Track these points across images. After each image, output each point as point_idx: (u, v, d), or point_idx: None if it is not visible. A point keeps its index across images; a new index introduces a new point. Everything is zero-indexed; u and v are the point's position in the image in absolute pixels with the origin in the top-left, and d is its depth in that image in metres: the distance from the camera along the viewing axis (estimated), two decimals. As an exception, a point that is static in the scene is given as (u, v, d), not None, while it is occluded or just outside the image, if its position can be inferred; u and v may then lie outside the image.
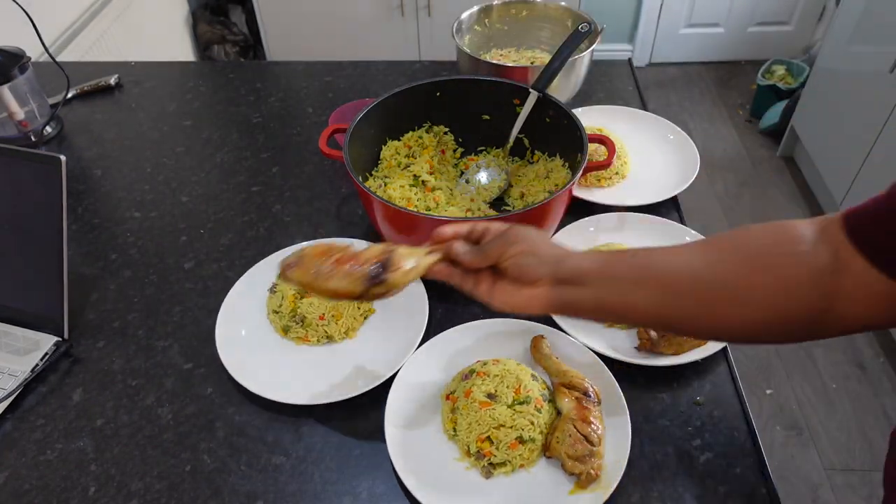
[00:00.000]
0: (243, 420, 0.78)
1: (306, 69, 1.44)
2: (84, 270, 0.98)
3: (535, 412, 0.72)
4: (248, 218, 1.06)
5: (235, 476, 0.72)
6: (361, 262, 0.64)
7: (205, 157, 1.20)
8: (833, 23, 2.34)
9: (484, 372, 0.76)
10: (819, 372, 1.90)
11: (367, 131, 0.98)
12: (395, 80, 1.40)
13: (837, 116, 2.25)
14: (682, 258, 0.59)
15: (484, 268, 0.65)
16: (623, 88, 1.35)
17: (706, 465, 0.72)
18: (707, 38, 3.19)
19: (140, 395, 0.81)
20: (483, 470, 0.71)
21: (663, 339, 0.80)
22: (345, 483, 0.72)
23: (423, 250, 0.67)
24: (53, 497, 0.71)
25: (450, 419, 0.75)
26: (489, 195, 1.03)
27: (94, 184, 1.15)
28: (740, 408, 0.77)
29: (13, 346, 0.85)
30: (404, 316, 0.87)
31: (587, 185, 1.08)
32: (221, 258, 0.99)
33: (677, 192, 1.05)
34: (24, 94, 1.20)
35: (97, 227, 1.06)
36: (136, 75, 1.43)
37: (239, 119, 1.29)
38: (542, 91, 0.97)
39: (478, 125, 1.08)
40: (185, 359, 0.85)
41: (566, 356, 0.80)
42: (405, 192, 0.97)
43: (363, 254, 0.65)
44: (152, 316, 0.91)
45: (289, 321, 0.85)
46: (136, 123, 1.29)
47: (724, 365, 0.82)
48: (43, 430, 0.78)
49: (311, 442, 0.76)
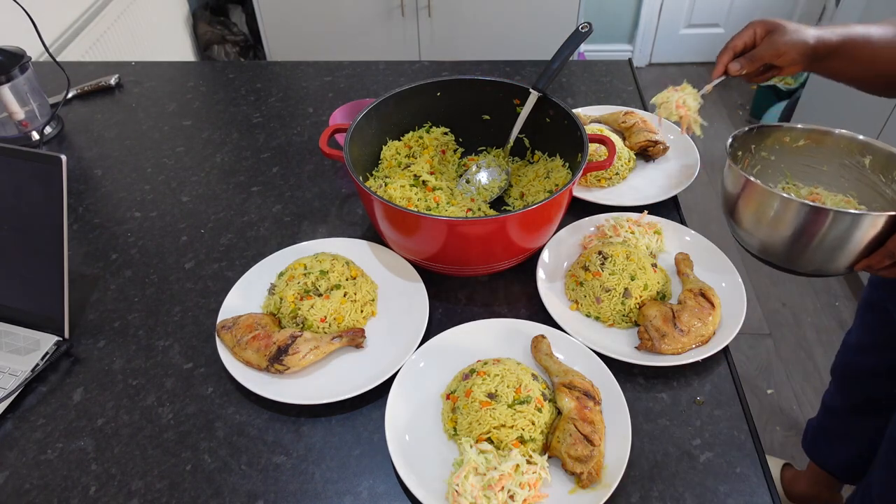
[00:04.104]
0: (243, 420, 0.78)
1: (306, 69, 1.44)
2: (84, 270, 0.98)
3: (536, 412, 0.72)
4: (248, 218, 1.06)
5: (236, 475, 0.72)
6: (270, 342, 0.79)
7: (205, 157, 1.20)
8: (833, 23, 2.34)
9: (484, 371, 0.76)
10: (819, 372, 1.90)
11: (367, 131, 0.98)
12: (395, 80, 1.40)
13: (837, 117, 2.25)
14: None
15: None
16: (623, 88, 1.35)
17: (706, 465, 0.72)
18: (707, 38, 3.19)
19: (140, 394, 0.81)
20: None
21: (663, 339, 0.80)
22: (345, 482, 0.72)
23: (327, 337, 0.81)
24: (54, 496, 0.71)
25: (450, 419, 0.75)
26: (489, 195, 1.03)
27: (94, 184, 1.15)
28: (740, 408, 0.77)
29: (14, 345, 0.85)
30: (404, 316, 0.87)
31: (587, 185, 1.08)
32: (221, 258, 0.99)
33: (677, 192, 1.05)
34: (25, 93, 1.20)
35: (98, 226, 1.06)
36: (136, 75, 1.44)
37: (239, 119, 1.29)
38: (543, 91, 0.97)
39: (478, 125, 1.08)
40: (185, 359, 0.85)
41: (566, 356, 0.80)
42: (405, 191, 0.97)
43: (275, 335, 0.80)
44: (153, 316, 0.91)
45: (289, 322, 0.85)
46: (136, 123, 1.29)
47: (724, 365, 0.82)
48: (43, 430, 0.78)
49: (311, 441, 0.76)
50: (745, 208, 0.82)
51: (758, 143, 0.93)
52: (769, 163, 0.95)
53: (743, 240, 0.86)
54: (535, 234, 0.88)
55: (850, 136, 0.91)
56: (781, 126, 0.93)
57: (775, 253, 0.82)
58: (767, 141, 0.94)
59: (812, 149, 0.94)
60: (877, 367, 1.23)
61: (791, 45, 0.86)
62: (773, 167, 0.96)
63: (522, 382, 0.74)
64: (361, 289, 0.88)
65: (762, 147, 0.94)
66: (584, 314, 0.88)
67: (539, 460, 0.69)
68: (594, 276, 0.87)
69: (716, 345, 0.81)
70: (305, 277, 0.87)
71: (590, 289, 0.87)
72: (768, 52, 0.87)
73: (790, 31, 0.86)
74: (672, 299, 0.89)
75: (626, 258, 0.88)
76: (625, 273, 0.86)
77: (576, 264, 0.92)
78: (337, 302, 0.85)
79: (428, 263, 0.90)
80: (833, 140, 0.92)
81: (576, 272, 0.90)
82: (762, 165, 0.95)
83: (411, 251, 0.90)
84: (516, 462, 0.67)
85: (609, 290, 0.86)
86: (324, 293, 0.86)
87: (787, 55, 0.86)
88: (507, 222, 0.81)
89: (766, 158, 0.95)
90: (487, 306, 0.90)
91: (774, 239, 0.80)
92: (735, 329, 0.83)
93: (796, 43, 0.86)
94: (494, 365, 0.77)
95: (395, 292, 0.90)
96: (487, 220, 0.80)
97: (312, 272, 0.88)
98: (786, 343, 1.99)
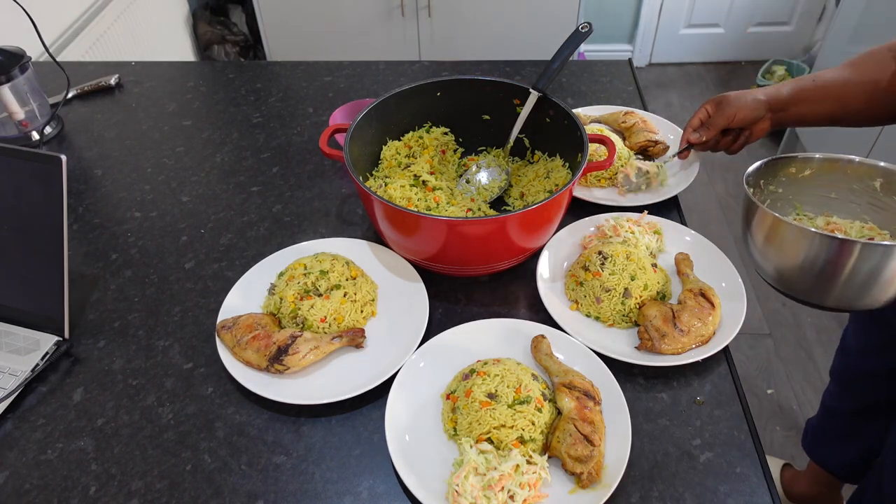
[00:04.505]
0: (243, 420, 0.78)
1: (306, 69, 1.44)
2: (84, 270, 0.98)
3: (536, 412, 0.72)
4: (248, 218, 1.06)
5: (236, 475, 0.72)
6: (270, 342, 0.79)
7: (205, 157, 1.20)
8: (833, 23, 2.34)
9: (484, 371, 0.76)
10: (819, 372, 1.90)
11: (367, 131, 0.98)
12: (395, 80, 1.40)
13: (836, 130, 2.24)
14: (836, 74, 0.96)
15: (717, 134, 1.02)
16: (623, 88, 1.35)
17: (706, 465, 0.72)
18: (707, 38, 3.19)
19: (140, 394, 0.81)
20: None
21: (663, 339, 0.80)
22: (345, 482, 0.72)
23: (327, 337, 0.81)
24: (54, 496, 0.71)
25: (450, 419, 0.75)
26: (489, 195, 1.03)
27: (94, 184, 1.15)
28: (740, 408, 0.77)
29: (14, 345, 0.85)
30: (404, 316, 0.87)
31: (587, 185, 1.08)
32: (221, 258, 0.99)
33: (677, 192, 1.05)
34: (25, 93, 1.20)
35: (98, 226, 1.06)
36: (136, 75, 1.44)
37: (239, 119, 1.29)
38: (543, 91, 0.97)
39: (478, 125, 1.08)
40: (185, 359, 0.85)
41: (566, 356, 0.80)
42: (405, 191, 0.97)
43: (275, 335, 0.80)
44: (153, 316, 0.91)
45: (289, 322, 0.85)
46: (136, 123, 1.29)
47: (724, 365, 0.82)
48: (43, 430, 0.78)
49: (311, 441, 0.76)
50: (770, 246, 0.81)
51: (766, 177, 0.94)
52: (778, 195, 0.96)
53: (768, 276, 0.85)
54: (535, 234, 0.88)
55: (859, 160, 0.90)
56: (787, 157, 0.93)
57: (804, 291, 0.80)
58: (776, 173, 0.94)
59: (819, 177, 0.94)
60: (877, 369, 1.23)
61: (740, 107, 0.98)
62: (783, 200, 0.96)
63: (522, 382, 0.74)
64: (361, 289, 0.88)
65: (770, 181, 0.94)
66: (584, 314, 0.88)
67: (539, 460, 0.69)
68: (594, 276, 0.87)
69: (716, 345, 0.81)
70: (305, 277, 0.87)
71: (590, 289, 0.87)
72: (721, 118, 1.00)
73: (736, 97, 0.99)
74: (672, 299, 0.89)
75: (626, 258, 0.88)
76: (625, 273, 0.86)
77: (576, 264, 0.92)
78: (337, 302, 0.85)
79: (428, 263, 0.90)
80: (840, 166, 0.92)
81: (576, 272, 0.90)
82: (772, 199, 0.96)
83: (411, 251, 0.90)
84: (516, 462, 0.67)
85: (609, 290, 0.86)
86: (324, 293, 0.86)
87: (740, 114, 0.98)
88: (507, 222, 0.81)
89: (774, 192, 0.95)
90: (487, 306, 0.90)
91: (802, 277, 0.78)
92: (735, 329, 0.83)
93: (745, 104, 0.98)
94: (494, 365, 0.77)
95: (395, 292, 0.90)
96: (487, 220, 0.80)
97: (312, 272, 0.88)
98: (786, 343, 1.99)
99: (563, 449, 0.69)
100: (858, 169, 0.91)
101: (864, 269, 0.73)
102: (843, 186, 0.93)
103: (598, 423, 0.71)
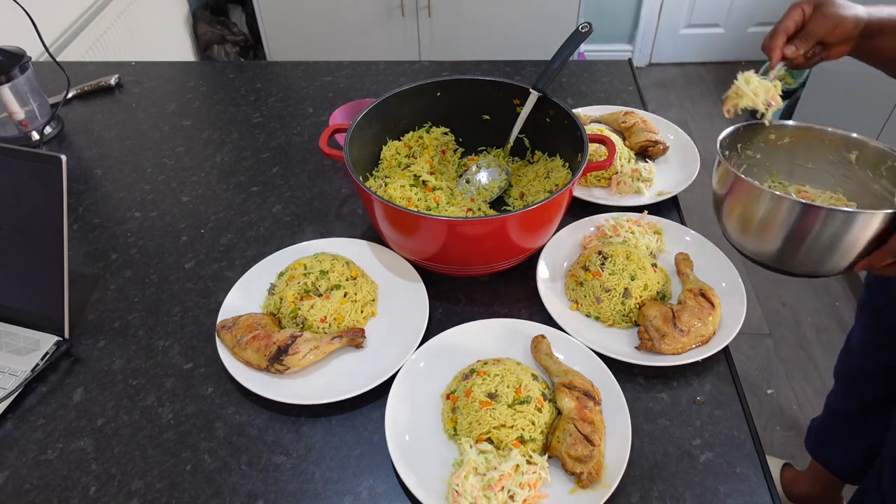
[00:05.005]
0: (243, 420, 0.78)
1: (306, 69, 1.44)
2: (84, 270, 0.98)
3: (536, 412, 0.72)
4: (248, 218, 1.06)
5: (236, 475, 0.72)
6: (270, 342, 0.79)
7: (205, 157, 1.20)
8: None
9: (484, 371, 0.76)
10: (819, 372, 1.90)
11: (367, 131, 0.98)
12: (395, 80, 1.40)
13: (837, 117, 2.25)
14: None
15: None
16: (623, 88, 1.35)
17: (706, 465, 0.72)
18: (707, 38, 3.19)
19: (140, 394, 0.81)
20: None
21: (663, 339, 0.80)
22: (345, 482, 0.72)
23: (327, 337, 0.81)
24: (54, 496, 0.71)
25: (450, 419, 0.75)
26: (489, 195, 1.03)
27: (94, 184, 1.15)
28: (740, 408, 0.77)
29: (14, 345, 0.85)
30: (404, 316, 0.87)
31: (587, 185, 1.08)
32: (221, 258, 0.99)
33: (677, 192, 1.05)
34: (25, 93, 1.20)
35: (98, 226, 1.06)
36: (136, 75, 1.44)
37: (239, 119, 1.30)
38: (543, 91, 0.97)
39: (478, 125, 1.08)
40: (185, 359, 0.85)
41: (566, 356, 0.80)
42: (405, 191, 0.97)
43: (275, 335, 0.80)
44: (153, 316, 0.91)
45: (289, 322, 0.85)
46: (136, 123, 1.29)
47: (724, 365, 0.82)
48: (43, 430, 0.78)
49: (311, 442, 0.76)
50: (735, 208, 0.82)
51: (744, 141, 0.93)
52: (755, 161, 0.95)
53: (734, 240, 0.86)
54: (534, 234, 0.88)
55: (835, 132, 0.90)
56: (766, 124, 0.92)
57: (767, 254, 0.81)
58: (753, 139, 0.94)
59: (797, 146, 0.94)
60: (878, 367, 1.23)
61: (844, 18, 0.81)
62: (759, 165, 0.96)
63: (522, 382, 0.74)
64: (361, 289, 0.88)
65: (748, 146, 0.94)
66: (584, 314, 0.88)
67: (539, 460, 0.69)
68: (594, 276, 0.87)
69: (716, 345, 0.81)
70: (305, 277, 0.87)
71: (590, 289, 0.87)
72: (822, 26, 0.81)
73: (839, 4, 0.81)
74: (672, 299, 0.89)
75: (626, 258, 0.88)
76: (625, 273, 0.86)
77: (576, 264, 0.92)
78: (337, 302, 0.85)
79: (428, 263, 0.90)
80: (817, 136, 0.92)
81: (576, 272, 0.90)
82: (748, 164, 0.95)
83: (411, 251, 0.90)
84: (516, 462, 0.67)
85: (609, 290, 0.86)
86: (324, 293, 0.86)
87: (842, 27, 0.81)
88: (507, 222, 0.81)
89: (751, 157, 0.94)
90: (487, 306, 0.90)
91: (766, 239, 0.80)
92: (735, 329, 0.83)
93: (848, 16, 0.81)
94: (494, 365, 0.77)
95: (395, 292, 0.90)
96: (487, 220, 0.80)
97: (312, 272, 0.88)
98: (786, 343, 1.99)
99: (563, 449, 0.69)
100: (834, 139, 0.91)
101: (826, 234, 0.74)
102: (821, 158, 0.93)
103: (598, 423, 0.71)
